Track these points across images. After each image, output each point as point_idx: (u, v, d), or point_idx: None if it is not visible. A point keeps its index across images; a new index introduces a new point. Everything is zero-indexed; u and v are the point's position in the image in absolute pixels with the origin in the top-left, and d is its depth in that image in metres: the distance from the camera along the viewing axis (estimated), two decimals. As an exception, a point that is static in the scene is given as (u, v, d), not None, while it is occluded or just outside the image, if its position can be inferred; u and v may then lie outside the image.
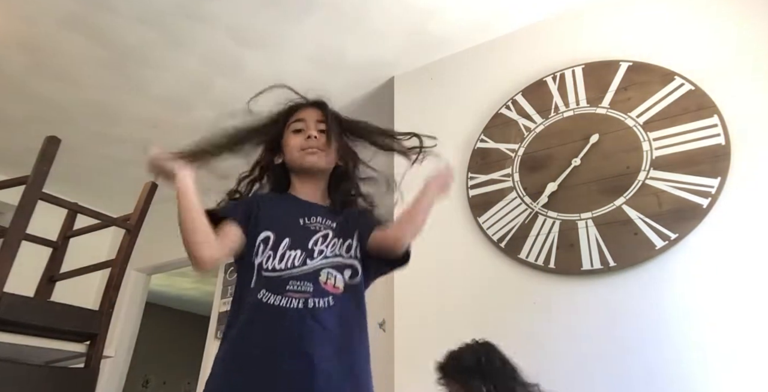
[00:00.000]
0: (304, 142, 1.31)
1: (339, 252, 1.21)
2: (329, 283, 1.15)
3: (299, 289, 1.13)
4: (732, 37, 1.91)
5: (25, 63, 2.68)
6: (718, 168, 1.73)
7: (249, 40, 2.53)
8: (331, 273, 1.16)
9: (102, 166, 3.66)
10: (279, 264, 1.15)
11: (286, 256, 1.16)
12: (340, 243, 1.22)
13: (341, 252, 1.21)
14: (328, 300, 1.13)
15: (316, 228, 1.23)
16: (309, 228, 1.23)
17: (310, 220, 1.24)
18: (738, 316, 1.58)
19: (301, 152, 1.31)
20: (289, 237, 1.19)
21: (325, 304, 1.12)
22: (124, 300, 3.75)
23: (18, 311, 1.58)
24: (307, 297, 1.12)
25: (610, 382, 1.70)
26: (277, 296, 1.11)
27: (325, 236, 1.22)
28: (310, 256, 1.17)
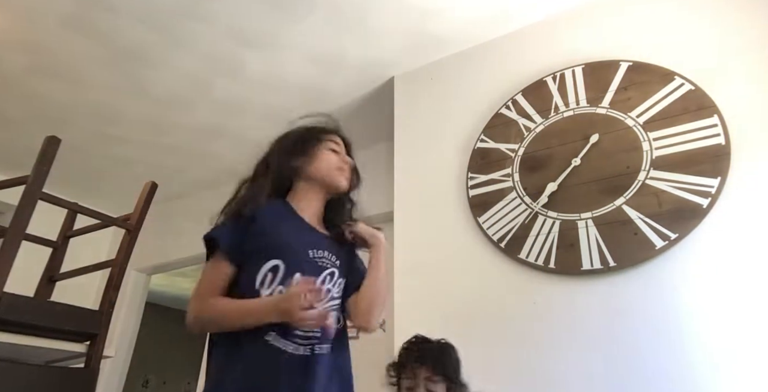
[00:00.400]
0: (342, 163, 1.36)
1: (340, 293, 1.21)
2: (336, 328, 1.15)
3: (308, 335, 1.08)
4: (732, 37, 1.91)
5: (25, 63, 2.68)
6: (718, 168, 1.73)
7: (249, 40, 2.53)
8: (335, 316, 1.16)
9: (102, 166, 3.66)
10: None
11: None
12: (341, 282, 1.22)
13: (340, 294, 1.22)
14: (328, 345, 1.12)
15: (324, 265, 1.19)
16: (317, 263, 1.19)
17: (319, 254, 1.20)
18: (738, 316, 1.58)
19: (337, 171, 1.34)
20: (300, 272, 1.13)
21: (326, 350, 1.11)
22: (124, 300, 3.75)
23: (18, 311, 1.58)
24: (314, 344, 1.09)
25: (609, 382, 1.70)
26: (285, 341, 1.06)
27: (332, 274, 1.19)
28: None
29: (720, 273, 1.65)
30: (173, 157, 3.57)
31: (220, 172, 3.77)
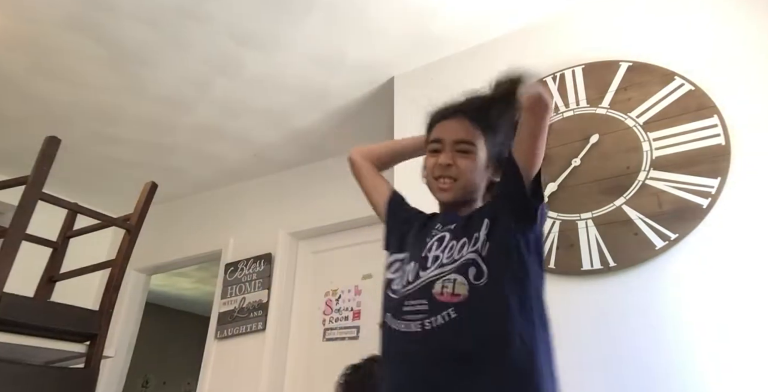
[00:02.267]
0: (437, 168, 1.14)
1: (460, 254, 1.02)
2: (446, 293, 0.98)
3: (414, 309, 0.99)
4: (732, 37, 1.91)
5: (25, 63, 2.68)
6: (718, 168, 1.73)
7: (249, 40, 2.53)
8: (449, 280, 0.99)
9: (102, 166, 3.66)
10: (398, 284, 1.05)
11: (404, 272, 1.07)
12: (463, 242, 1.04)
13: (463, 253, 1.02)
14: (447, 313, 0.96)
15: (431, 234, 1.10)
16: (423, 234, 1.12)
17: (427, 226, 1.14)
18: (738, 316, 1.58)
19: (433, 181, 1.17)
20: (409, 252, 1.10)
21: (444, 320, 0.96)
22: (124, 301, 3.75)
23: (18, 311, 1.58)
24: (423, 318, 0.97)
25: (609, 382, 1.70)
26: (397, 321, 1.01)
27: (441, 239, 1.07)
28: (423, 267, 1.04)
29: (720, 273, 1.65)
30: (173, 157, 3.57)
31: (220, 172, 3.77)
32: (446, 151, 1.14)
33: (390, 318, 1.03)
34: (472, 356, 0.94)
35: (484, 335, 0.96)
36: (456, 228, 1.08)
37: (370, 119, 3.09)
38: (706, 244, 1.69)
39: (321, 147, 3.41)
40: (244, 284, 3.37)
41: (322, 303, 3.16)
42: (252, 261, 3.41)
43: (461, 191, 1.12)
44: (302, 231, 3.39)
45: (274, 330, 3.12)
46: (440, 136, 1.17)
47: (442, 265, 1.02)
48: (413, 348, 0.98)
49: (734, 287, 1.61)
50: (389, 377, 1.03)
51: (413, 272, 1.04)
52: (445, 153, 1.14)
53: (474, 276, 0.99)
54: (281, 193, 3.63)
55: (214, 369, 3.25)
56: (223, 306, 3.40)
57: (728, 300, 1.61)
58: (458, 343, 0.95)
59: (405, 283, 1.04)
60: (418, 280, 1.02)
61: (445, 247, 1.05)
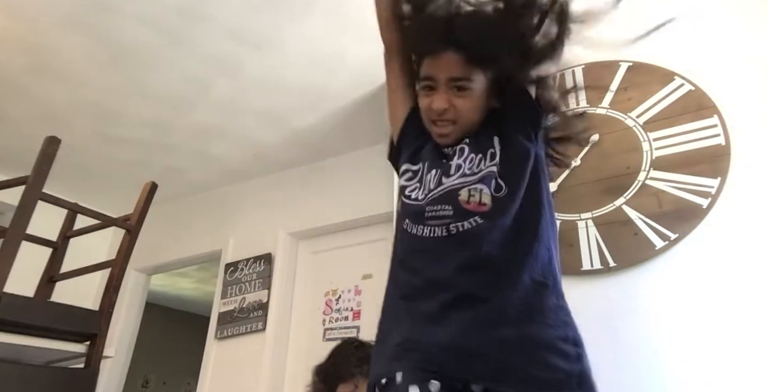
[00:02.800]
0: (432, 113, 1.08)
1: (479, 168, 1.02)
2: (472, 202, 0.98)
3: (437, 214, 0.99)
4: (732, 38, 1.91)
5: (25, 63, 2.68)
6: (718, 168, 1.73)
7: (249, 40, 2.53)
8: (475, 189, 0.99)
9: (102, 166, 3.66)
10: (419, 192, 1.05)
11: (424, 181, 1.05)
12: (480, 157, 1.03)
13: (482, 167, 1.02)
14: (475, 219, 0.97)
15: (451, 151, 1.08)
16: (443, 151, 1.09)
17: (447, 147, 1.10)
18: (739, 316, 1.58)
19: (430, 124, 1.11)
20: (427, 161, 1.08)
21: (471, 225, 0.96)
22: (124, 301, 3.75)
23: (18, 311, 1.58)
24: (448, 223, 0.98)
25: (609, 382, 1.69)
26: (418, 226, 1.01)
27: (461, 150, 1.05)
28: (446, 174, 1.03)
29: (720, 273, 1.65)
30: (173, 157, 3.57)
31: (220, 172, 3.77)
32: (440, 92, 1.06)
33: (409, 224, 1.03)
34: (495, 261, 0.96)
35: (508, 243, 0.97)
36: (470, 142, 1.07)
37: (370, 119, 3.09)
38: (706, 244, 1.69)
39: (321, 147, 3.41)
40: (244, 284, 3.37)
41: (322, 303, 3.16)
42: (252, 261, 3.41)
43: (461, 131, 1.09)
44: (302, 231, 3.39)
45: (274, 330, 3.12)
46: (432, 73, 1.08)
47: (465, 175, 1.02)
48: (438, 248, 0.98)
49: (734, 287, 1.61)
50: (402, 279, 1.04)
51: (435, 179, 1.04)
52: (439, 94, 1.06)
53: (494, 188, 1.00)
54: (281, 193, 3.63)
55: (214, 369, 3.25)
56: (223, 306, 3.40)
57: (728, 301, 1.61)
58: (483, 247, 0.96)
59: (427, 191, 1.04)
60: (440, 187, 1.02)
61: (465, 158, 1.04)
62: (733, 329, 1.58)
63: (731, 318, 1.59)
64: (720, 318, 1.61)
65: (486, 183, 1.00)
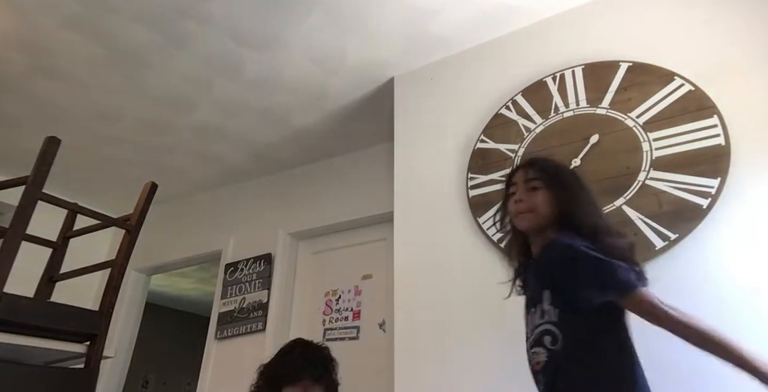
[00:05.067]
0: (514, 206, 1.31)
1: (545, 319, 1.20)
2: (535, 364, 1.19)
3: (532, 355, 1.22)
4: (732, 37, 1.91)
5: (25, 63, 2.68)
6: (718, 168, 1.73)
7: (249, 40, 2.53)
8: (535, 353, 1.20)
9: (102, 166, 3.66)
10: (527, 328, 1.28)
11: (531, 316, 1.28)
12: (549, 309, 1.19)
13: (546, 319, 1.20)
14: (540, 380, 1.19)
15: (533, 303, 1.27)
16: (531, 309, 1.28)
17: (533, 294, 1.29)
18: (738, 316, 1.58)
19: (515, 218, 1.31)
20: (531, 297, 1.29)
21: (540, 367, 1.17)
22: (124, 301, 3.75)
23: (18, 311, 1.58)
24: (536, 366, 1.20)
25: (610, 383, 1.70)
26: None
27: (541, 312, 1.23)
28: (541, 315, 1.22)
29: (720, 273, 1.65)
30: (173, 157, 3.57)
31: (220, 172, 3.77)
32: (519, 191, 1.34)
33: None
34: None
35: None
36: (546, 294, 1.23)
37: (370, 119, 3.09)
38: (706, 244, 1.69)
39: (321, 147, 3.41)
40: (244, 284, 3.37)
41: (322, 303, 3.16)
42: (252, 262, 3.41)
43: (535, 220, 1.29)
44: (302, 232, 3.39)
45: (274, 330, 3.11)
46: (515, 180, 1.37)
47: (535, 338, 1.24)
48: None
49: (734, 287, 1.61)
50: None
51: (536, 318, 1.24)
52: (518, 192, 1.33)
53: (550, 342, 1.17)
54: (281, 193, 3.63)
55: (214, 369, 3.25)
56: (223, 306, 3.40)
57: (728, 301, 1.61)
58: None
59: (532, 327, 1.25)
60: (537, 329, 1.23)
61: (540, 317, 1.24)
62: (733, 329, 1.58)
63: (732, 318, 1.59)
64: (720, 318, 1.60)
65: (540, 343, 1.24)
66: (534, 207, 1.26)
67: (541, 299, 1.20)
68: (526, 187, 1.29)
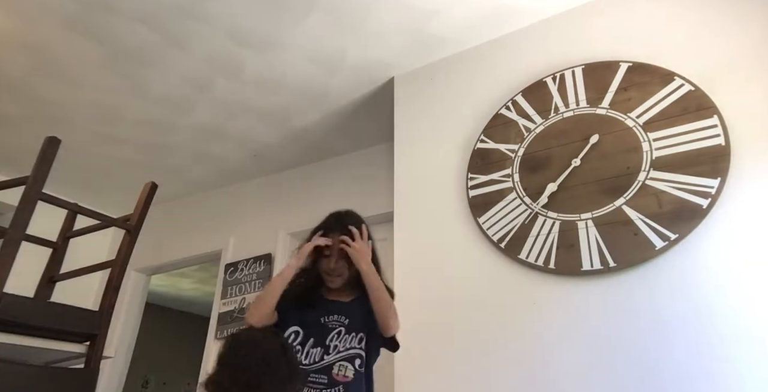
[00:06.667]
0: (329, 268, 1.57)
1: (350, 345, 1.51)
2: (340, 374, 1.46)
3: (317, 381, 1.45)
4: (732, 37, 1.91)
5: (25, 63, 2.68)
6: (718, 168, 1.73)
7: (249, 40, 2.53)
8: (343, 365, 1.47)
9: (102, 166, 3.66)
10: (305, 359, 1.47)
11: (310, 354, 1.49)
12: (352, 337, 1.52)
13: (353, 344, 1.51)
14: (339, 388, 1.45)
15: (332, 326, 1.53)
16: (327, 326, 1.53)
17: (329, 318, 1.54)
18: (738, 317, 1.58)
19: (327, 276, 1.59)
20: (313, 337, 1.51)
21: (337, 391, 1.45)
22: (124, 301, 3.75)
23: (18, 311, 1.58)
24: (322, 388, 1.44)
25: (609, 382, 1.70)
26: (307, 387, 1.44)
27: (339, 332, 1.51)
28: (327, 352, 1.49)
29: (720, 273, 1.65)
30: (173, 157, 3.57)
31: (220, 172, 3.77)
32: (333, 256, 1.59)
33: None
34: None
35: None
36: (348, 324, 1.53)
37: (370, 119, 3.09)
38: (706, 244, 1.69)
39: (321, 147, 3.41)
40: (244, 284, 3.37)
41: (322, 303, 3.15)
42: (252, 262, 3.41)
43: (344, 280, 1.60)
44: (302, 232, 3.38)
45: (274, 331, 3.11)
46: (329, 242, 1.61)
47: (339, 352, 1.50)
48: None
49: (734, 287, 1.61)
50: None
51: (319, 355, 1.49)
52: (332, 257, 1.59)
53: (359, 364, 1.50)
54: (281, 193, 3.63)
55: (214, 370, 3.25)
56: (223, 306, 3.40)
57: (728, 300, 1.61)
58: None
59: (311, 362, 1.47)
60: (323, 361, 1.48)
61: (341, 339, 1.51)
62: (733, 329, 1.58)
63: (732, 318, 1.59)
64: (720, 318, 1.61)
65: (351, 361, 1.51)
66: (343, 272, 1.57)
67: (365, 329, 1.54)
68: (341, 254, 1.56)
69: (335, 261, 1.57)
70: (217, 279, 3.58)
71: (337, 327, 1.53)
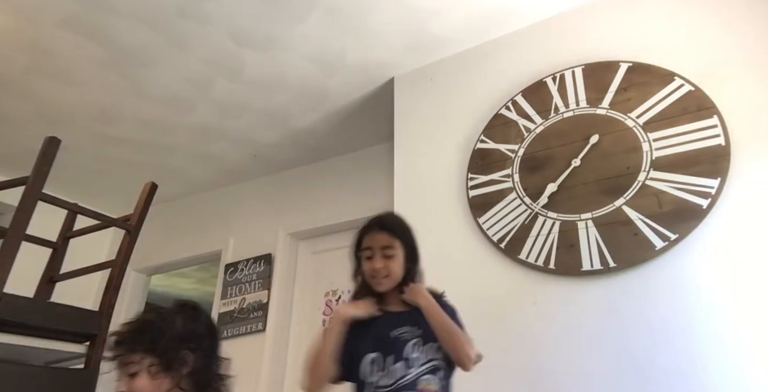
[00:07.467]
0: (373, 270, 1.47)
1: (431, 356, 1.38)
2: (427, 389, 1.35)
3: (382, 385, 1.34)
4: (732, 37, 1.91)
5: (25, 63, 2.68)
6: (718, 168, 1.73)
7: (249, 40, 2.53)
8: (428, 379, 1.36)
9: (102, 166, 3.66)
10: (390, 380, 1.35)
11: (392, 371, 1.36)
12: (429, 346, 1.39)
13: (434, 355, 1.39)
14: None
15: (406, 338, 1.41)
16: (400, 339, 1.41)
17: (399, 331, 1.42)
18: (738, 317, 1.58)
19: (372, 280, 1.49)
20: (393, 354, 1.38)
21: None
22: (123, 301, 3.75)
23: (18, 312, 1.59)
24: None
25: (609, 382, 1.70)
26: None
27: (415, 343, 1.40)
28: (409, 366, 1.36)
29: (720, 273, 1.65)
30: (173, 157, 3.57)
31: (220, 172, 3.77)
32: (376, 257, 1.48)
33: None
34: None
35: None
36: (423, 333, 1.40)
37: (370, 119, 3.09)
38: (706, 245, 1.69)
39: (321, 147, 3.41)
40: (244, 284, 3.37)
41: (322, 303, 3.16)
42: (252, 262, 3.41)
43: (391, 284, 1.47)
44: (302, 232, 3.39)
45: (274, 331, 3.12)
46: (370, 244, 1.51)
47: (422, 364, 1.38)
48: None
49: (734, 287, 1.61)
50: None
51: (402, 370, 1.35)
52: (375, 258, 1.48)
53: (442, 376, 1.38)
54: (281, 193, 3.63)
55: (214, 370, 3.25)
56: (223, 306, 3.40)
57: (728, 300, 1.61)
58: None
59: (394, 380, 1.35)
60: (407, 376, 1.35)
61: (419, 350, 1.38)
62: (733, 329, 1.58)
63: (731, 319, 1.59)
64: (720, 318, 1.61)
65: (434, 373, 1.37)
66: (390, 273, 1.46)
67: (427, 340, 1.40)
68: (382, 254, 1.47)
69: (379, 261, 1.46)
70: (217, 280, 3.58)
71: (411, 338, 1.41)
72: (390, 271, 1.46)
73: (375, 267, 1.46)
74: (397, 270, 1.46)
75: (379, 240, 1.49)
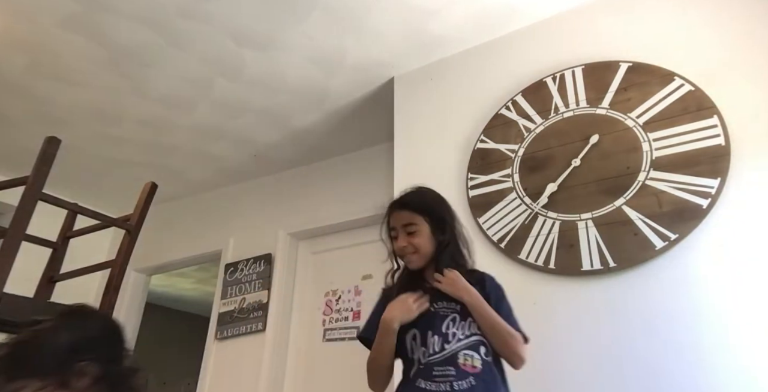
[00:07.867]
0: (399, 250, 1.46)
1: (471, 331, 1.36)
2: (468, 364, 1.31)
3: (444, 373, 1.31)
4: (732, 37, 1.91)
5: (25, 63, 2.68)
6: (718, 168, 1.73)
7: (249, 40, 2.53)
8: (468, 355, 1.32)
9: (102, 166, 3.66)
10: (429, 350, 1.34)
11: (430, 343, 1.34)
12: (469, 322, 1.37)
13: (473, 331, 1.36)
14: (470, 380, 1.29)
15: (444, 313, 1.39)
16: (439, 313, 1.39)
17: (439, 305, 1.40)
18: (738, 317, 1.58)
19: (402, 258, 1.48)
20: (430, 329, 1.36)
21: (468, 385, 1.28)
22: (124, 301, 3.75)
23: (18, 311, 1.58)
24: (452, 381, 1.29)
25: (609, 382, 1.70)
26: (428, 382, 1.31)
27: (453, 319, 1.38)
28: (446, 341, 1.34)
29: (720, 273, 1.65)
30: (173, 158, 3.57)
31: (219, 172, 3.77)
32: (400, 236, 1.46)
33: (420, 381, 1.32)
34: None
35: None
36: (461, 309, 1.38)
37: (370, 119, 3.09)
38: (706, 245, 1.69)
39: (321, 147, 3.41)
40: (244, 284, 3.37)
41: (322, 303, 3.16)
42: (252, 262, 3.41)
43: (422, 261, 1.45)
44: (302, 232, 3.39)
45: (274, 331, 3.12)
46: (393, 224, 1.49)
47: (460, 340, 1.34)
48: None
49: (734, 287, 1.61)
50: None
51: (438, 344, 1.34)
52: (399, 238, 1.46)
53: (485, 353, 1.34)
54: (281, 193, 3.63)
55: (214, 370, 3.25)
56: (223, 306, 3.40)
57: (728, 301, 1.61)
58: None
59: (431, 352, 1.33)
60: (444, 351, 1.33)
61: (458, 326, 1.36)
62: (733, 329, 1.58)
63: (731, 319, 1.59)
64: (720, 318, 1.61)
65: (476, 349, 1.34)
66: (418, 248, 1.43)
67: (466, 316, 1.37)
68: (405, 231, 1.45)
69: (402, 239, 1.44)
70: (217, 280, 3.58)
71: (450, 313, 1.39)
72: (417, 247, 1.44)
73: (400, 246, 1.45)
74: (424, 245, 1.44)
75: (399, 219, 1.48)
